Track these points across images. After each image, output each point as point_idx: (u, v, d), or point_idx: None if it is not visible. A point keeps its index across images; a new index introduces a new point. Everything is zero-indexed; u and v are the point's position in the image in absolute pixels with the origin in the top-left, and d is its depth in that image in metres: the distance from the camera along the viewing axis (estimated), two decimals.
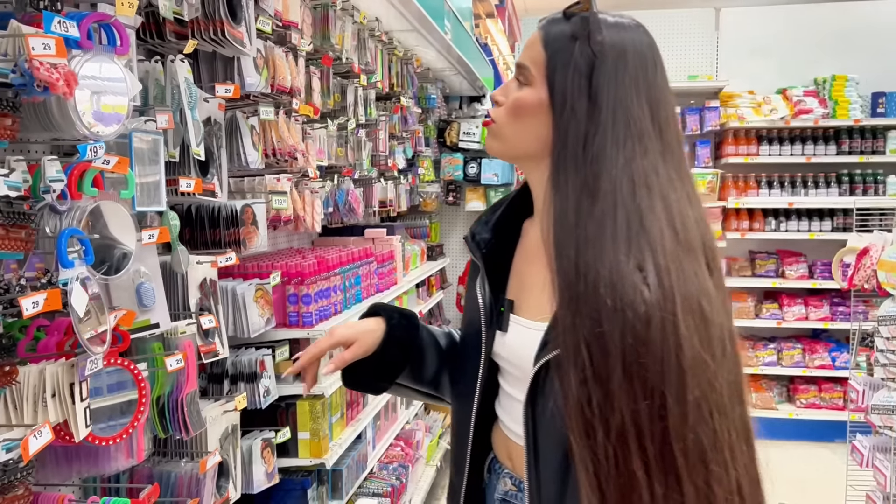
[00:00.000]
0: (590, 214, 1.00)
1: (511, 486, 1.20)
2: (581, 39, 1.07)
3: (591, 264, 0.97)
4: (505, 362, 1.20)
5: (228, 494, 2.09)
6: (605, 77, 1.05)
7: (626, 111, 1.04)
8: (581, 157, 1.04)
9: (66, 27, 1.35)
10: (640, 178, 1.01)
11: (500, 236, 1.24)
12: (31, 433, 1.28)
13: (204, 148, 1.94)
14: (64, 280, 1.40)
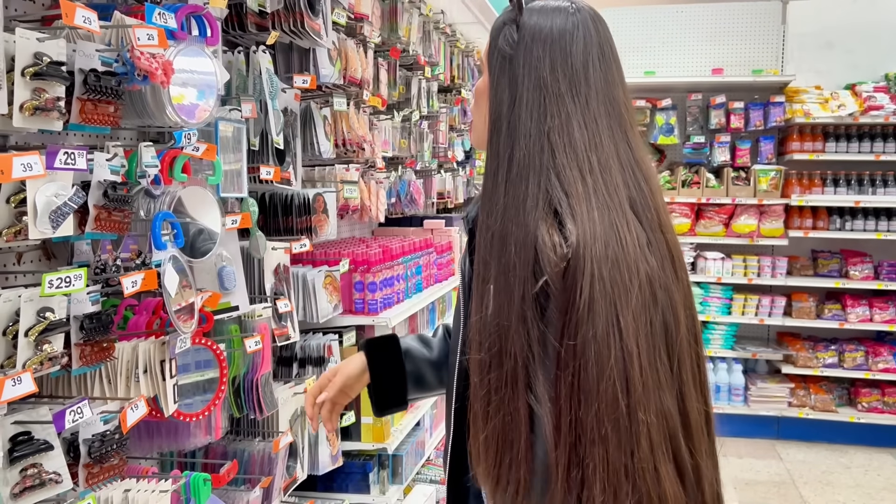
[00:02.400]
0: (504, 184, 1.06)
1: None
2: (508, 24, 1.13)
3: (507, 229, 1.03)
4: None
5: (296, 475, 2.16)
6: (521, 55, 1.10)
7: (539, 80, 1.08)
8: (502, 132, 1.10)
9: (164, 18, 1.41)
10: (556, 141, 1.05)
11: None
12: (129, 406, 1.34)
13: (282, 137, 2.00)
14: (157, 261, 1.46)
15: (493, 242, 1.05)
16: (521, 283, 1.00)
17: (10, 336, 1.17)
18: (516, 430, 1.00)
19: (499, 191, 1.07)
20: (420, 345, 1.44)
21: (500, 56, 1.12)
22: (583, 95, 1.09)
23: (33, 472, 1.21)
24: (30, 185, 1.13)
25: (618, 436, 0.93)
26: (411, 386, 1.41)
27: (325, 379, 1.42)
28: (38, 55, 1.14)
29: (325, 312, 2.35)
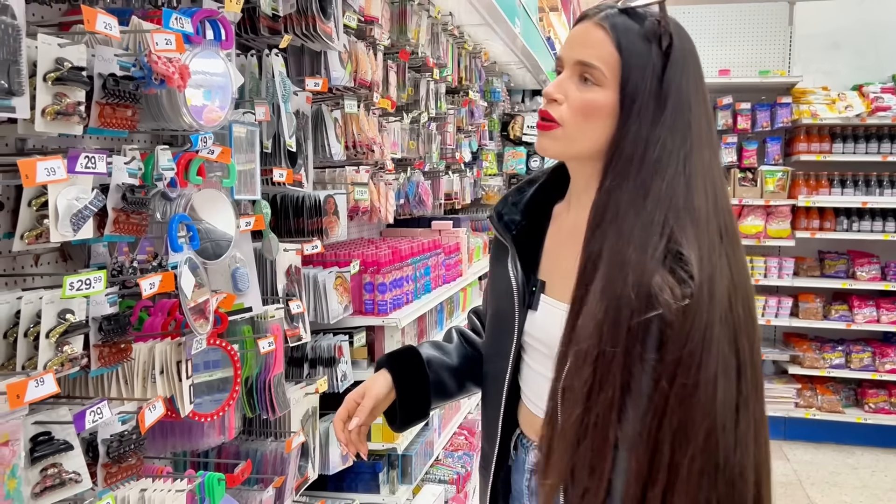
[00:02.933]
0: (637, 215, 1.05)
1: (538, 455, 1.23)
2: (654, 41, 1.09)
3: (626, 258, 1.03)
4: (534, 340, 1.24)
5: (308, 475, 2.17)
6: (674, 80, 1.09)
7: (687, 113, 1.09)
8: (640, 160, 1.08)
9: (181, 23, 1.43)
10: (693, 178, 1.07)
11: (530, 218, 1.28)
12: (147, 406, 1.36)
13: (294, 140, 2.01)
14: (173, 263, 1.48)
15: (607, 265, 1.05)
16: (633, 314, 1.01)
17: (31, 337, 1.19)
18: (601, 460, 1.03)
19: (624, 214, 1.06)
20: (439, 353, 1.42)
21: (651, 79, 1.08)
22: (713, 132, 1.13)
23: (53, 472, 1.22)
24: (51, 189, 1.15)
25: (711, 479, 0.99)
26: (434, 397, 1.39)
27: (351, 402, 1.35)
28: (59, 60, 1.15)
29: (335, 313, 2.36)
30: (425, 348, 1.42)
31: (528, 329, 1.24)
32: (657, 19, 1.10)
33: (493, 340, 1.32)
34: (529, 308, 1.24)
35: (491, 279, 1.36)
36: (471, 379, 1.43)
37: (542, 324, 1.21)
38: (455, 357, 1.42)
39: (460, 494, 3.17)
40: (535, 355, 1.25)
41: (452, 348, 1.44)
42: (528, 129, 5.25)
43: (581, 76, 1.12)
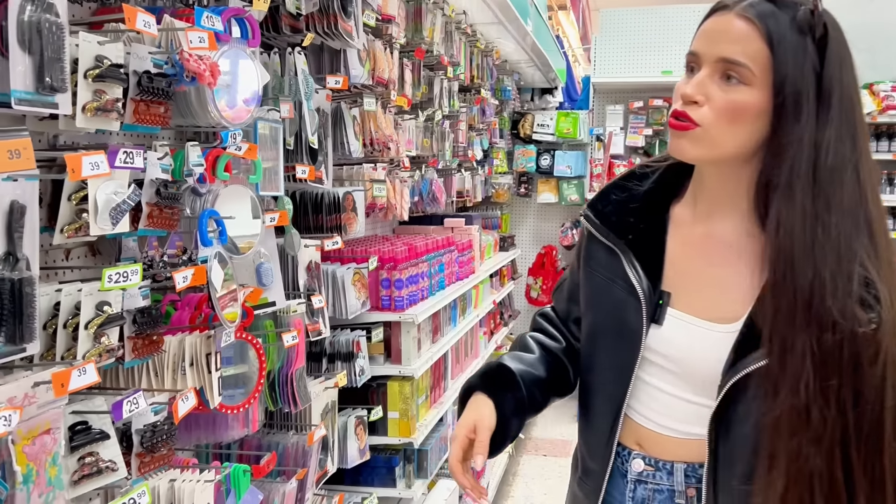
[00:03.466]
0: (825, 230, 0.98)
1: (646, 467, 1.20)
2: (808, 33, 0.99)
3: (824, 281, 0.97)
4: (656, 355, 1.16)
5: (327, 468, 2.20)
6: (835, 76, 1.00)
7: (851, 113, 1.01)
8: (813, 168, 0.99)
9: (212, 21, 1.45)
10: (865, 184, 1.00)
11: (646, 221, 1.18)
12: (180, 397, 1.39)
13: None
14: (203, 257, 1.50)
15: (810, 290, 0.98)
16: (844, 341, 0.97)
17: (70, 329, 1.22)
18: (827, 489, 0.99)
19: (812, 232, 0.99)
20: (527, 366, 1.29)
21: (810, 75, 0.99)
22: (864, 122, 1.05)
23: (91, 461, 1.25)
24: (91, 184, 1.17)
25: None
26: (528, 414, 1.28)
27: (464, 439, 1.20)
28: (98, 58, 1.18)
29: (353, 309, 2.39)
30: (514, 363, 1.29)
31: (651, 344, 1.15)
32: (810, 8, 1.00)
33: (603, 353, 1.23)
34: (653, 321, 1.14)
35: (589, 286, 1.25)
36: (556, 392, 1.34)
37: (671, 339, 1.13)
38: (543, 370, 1.30)
39: None
40: (652, 370, 1.17)
41: (536, 360, 1.32)
42: (538, 126, 5.27)
43: (724, 74, 1.02)
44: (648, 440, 1.20)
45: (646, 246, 1.17)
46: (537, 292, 5.36)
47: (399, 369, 2.58)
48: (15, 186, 1.05)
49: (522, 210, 5.70)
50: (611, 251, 1.19)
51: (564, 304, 1.38)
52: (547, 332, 1.39)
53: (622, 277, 1.17)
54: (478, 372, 1.31)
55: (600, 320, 1.23)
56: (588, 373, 1.28)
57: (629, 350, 1.16)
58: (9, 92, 1.02)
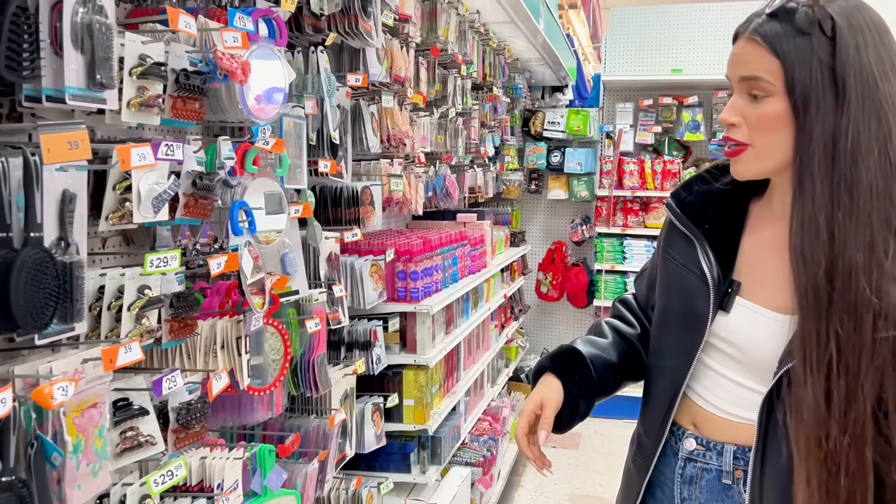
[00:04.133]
0: (849, 213, 1.02)
1: (697, 446, 1.26)
2: (814, 31, 1.05)
3: (852, 263, 1.01)
4: (722, 342, 1.21)
5: (346, 452, 2.28)
6: (849, 61, 1.03)
7: (875, 91, 1.03)
8: (832, 156, 1.03)
9: (244, 22, 1.53)
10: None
11: (723, 213, 1.24)
12: (214, 377, 1.47)
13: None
14: (234, 246, 1.59)
15: (830, 276, 1.02)
16: (878, 325, 1.00)
17: (113, 310, 1.30)
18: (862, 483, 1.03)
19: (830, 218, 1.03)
20: (599, 350, 1.37)
21: (818, 69, 1.04)
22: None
23: (132, 434, 1.33)
24: (135, 174, 1.25)
25: None
26: (598, 396, 1.35)
27: (530, 413, 1.29)
28: (142, 56, 1.26)
29: (370, 299, 2.47)
30: (585, 346, 1.37)
31: (717, 330, 1.20)
32: (809, 7, 1.05)
33: (670, 336, 1.28)
34: (721, 309, 1.20)
35: (665, 271, 1.31)
36: (628, 376, 1.40)
37: (737, 326, 1.18)
38: (615, 354, 1.38)
39: (486, 477, 3.27)
40: (717, 356, 1.22)
41: (609, 344, 1.39)
42: (549, 124, 5.33)
43: (750, 93, 1.10)
44: (703, 421, 1.25)
45: (721, 237, 1.22)
46: (547, 287, 5.43)
47: (414, 358, 2.66)
48: (66, 176, 1.13)
49: (533, 206, 5.77)
50: (688, 240, 1.25)
51: (644, 292, 1.45)
52: (623, 317, 1.45)
53: (696, 265, 1.22)
54: (549, 353, 1.38)
55: (671, 305, 1.28)
56: (654, 355, 1.34)
57: (695, 334, 1.21)
58: (62, 88, 1.11)
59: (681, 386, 1.25)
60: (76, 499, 1.18)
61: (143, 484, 1.33)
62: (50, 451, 1.09)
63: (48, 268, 1.05)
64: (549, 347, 5.72)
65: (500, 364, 4.27)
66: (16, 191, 1.03)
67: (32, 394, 1.01)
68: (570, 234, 5.49)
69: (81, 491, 1.19)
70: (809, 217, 1.05)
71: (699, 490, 1.26)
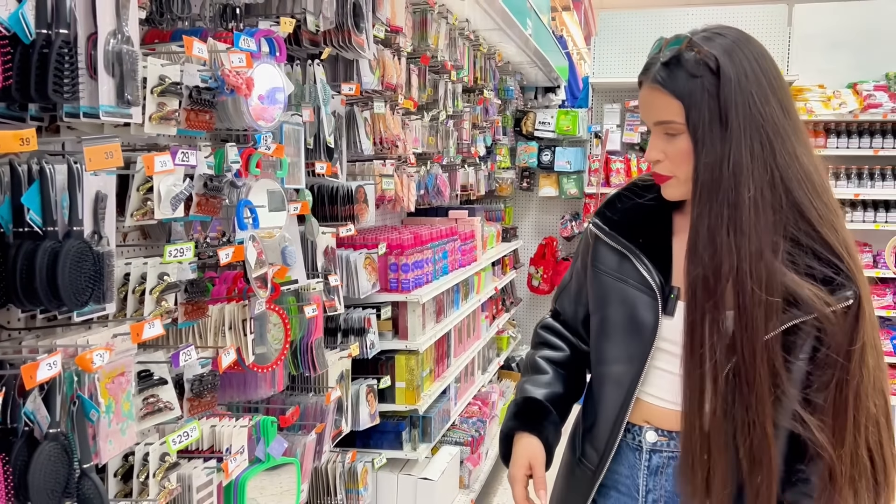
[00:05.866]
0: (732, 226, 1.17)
1: (659, 437, 1.35)
2: (703, 71, 1.18)
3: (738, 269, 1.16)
4: (670, 344, 1.29)
5: (342, 428, 2.50)
6: (731, 94, 1.16)
7: (757, 117, 1.16)
8: (718, 179, 1.18)
9: (248, 43, 1.75)
10: (789, 175, 1.17)
11: (653, 226, 1.35)
12: (223, 352, 1.69)
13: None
14: (239, 239, 1.80)
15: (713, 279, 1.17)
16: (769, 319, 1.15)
17: (137, 294, 1.52)
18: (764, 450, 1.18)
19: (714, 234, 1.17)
20: (549, 388, 1.46)
21: (706, 106, 1.17)
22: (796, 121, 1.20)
23: (153, 401, 1.56)
24: (156, 178, 1.47)
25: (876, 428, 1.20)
26: (561, 426, 1.46)
27: (523, 477, 1.38)
28: (161, 77, 1.48)
29: (364, 289, 2.68)
30: (537, 390, 1.46)
31: (664, 334, 1.29)
32: (696, 52, 1.19)
33: (615, 345, 1.35)
34: (664, 314, 1.29)
35: (599, 285, 1.39)
36: (575, 398, 1.50)
37: (682, 327, 1.25)
38: (560, 386, 1.47)
39: (474, 455, 3.49)
40: (665, 357, 1.31)
41: (552, 378, 1.48)
42: (539, 124, 5.54)
43: (665, 133, 1.24)
44: (658, 416, 1.34)
45: (654, 247, 1.33)
46: (538, 281, 5.64)
47: (405, 344, 2.88)
48: (98, 180, 1.35)
49: (525, 203, 5.98)
50: (621, 254, 1.35)
51: (572, 307, 1.52)
52: (552, 344, 1.53)
53: (633, 277, 1.32)
54: (510, 413, 1.46)
55: (612, 315, 1.36)
56: (599, 364, 1.41)
57: (643, 342, 1.31)
58: (96, 106, 1.32)
59: (634, 390, 1.32)
60: (108, 452, 1.40)
61: (163, 443, 1.55)
62: (88, 409, 1.31)
63: (87, 256, 1.26)
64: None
65: (491, 353, 4.49)
66: (60, 191, 1.25)
67: (76, 358, 1.23)
68: (561, 229, 5.71)
69: (112, 446, 1.41)
70: (697, 231, 1.20)
71: (664, 478, 1.34)
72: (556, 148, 5.53)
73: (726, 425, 1.19)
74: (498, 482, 4.08)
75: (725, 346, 1.18)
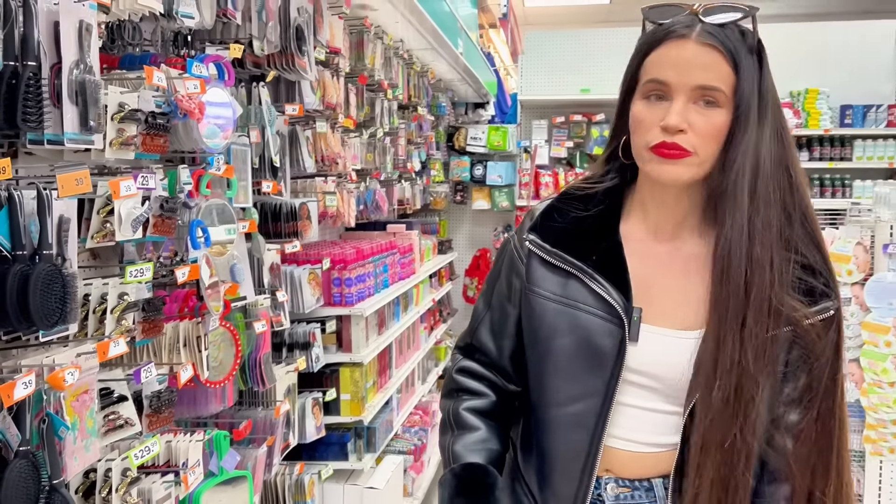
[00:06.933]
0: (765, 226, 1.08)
1: (621, 489, 1.19)
2: (754, 53, 1.09)
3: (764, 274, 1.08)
4: (636, 375, 1.15)
5: (290, 441, 2.56)
6: (768, 87, 1.10)
7: (779, 118, 1.11)
8: (755, 172, 1.08)
9: (200, 69, 1.81)
10: (795, 178, 1.11)
11: (600, 241, 1.19)
12: (181, 368, 1.74)
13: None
14: (193, 258, 1.86)
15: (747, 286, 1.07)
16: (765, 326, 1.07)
17: (98, 314, 1.56)
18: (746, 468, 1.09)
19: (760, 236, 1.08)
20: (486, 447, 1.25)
21: (752, 90, 1.08)
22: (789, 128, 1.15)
23: (114, 417, 1.60)
24: (116, 201, 1.52)
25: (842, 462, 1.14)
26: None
27: None
28: (121, 104, 1.53)
29: (309, 304, 2.75)
30: (475, 454, 1.23)
31: (629, 363, 1.14)
32: (752, 31, 1.10)
33: (572, 381, 1.17)
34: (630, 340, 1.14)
35: (540, 312, 1.20)
36: (506, 451, 1.31)
37: (647, 353, 1.14)
38: (496, 442, 1.27)
39: (417, 463, 3.59)
40: (631, 390, 1.16)
41: (486, 435, 1.26)
42: (471, 139, 5.71)
43: (699, 99, 1.08)
44: (622, 463, 1.19)
45: (609, 266, 1.16)
46: (473, 292, 5.79)
47: (350, 357, 2.96)
48: (62, 204, 1.40)
49: (459, 216, 6.14)
50: (567, 274, 1.18)
51: (493, 342, 1.29)
52: (473, 391, 1.30)
53: (587, 301, 1.16)
54: (451, 488, 1.21)
55: (562, 347, 1.17)
56: (548, 407, 1.21)
57: (606, 374, 1.14)
58: (60, 133, 1.37)
59: (602, 432, 1.15)
60: (73, 468, 1.44)
61: (124, 458, 1.59)
62: (58, 426, 1.35)
63: (57, 278, 1.31)
64: None
65: (429, 364, 4.60)
66: (28, 216, 1.29)
67: (49, 377, 1.27)
68: (494, 241, 5.89)
69: (77, 462, 1.45)
70: (735, 229, 1.09)
71: None
72: (487, 162, 5.71)
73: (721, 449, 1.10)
74: None
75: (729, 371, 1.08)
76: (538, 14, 8.31)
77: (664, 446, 1.17)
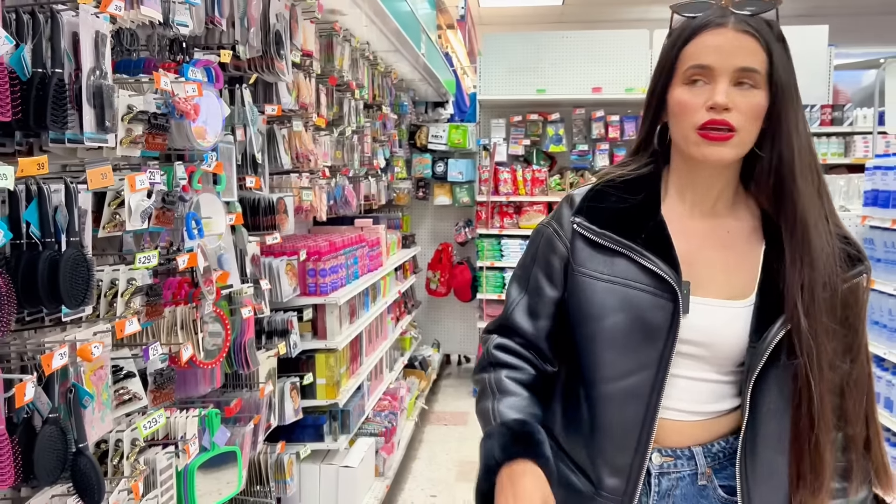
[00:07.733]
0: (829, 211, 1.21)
1: (665, 458, 1.24)
2: (781, 41, 1.19)
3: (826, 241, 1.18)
4: (688, 345, 1.20)
5: (271, 422, 2.72)
6: (792, 70, 1.19)
7: (797, 92, 1.20)
8: (803, 151, 1.18)
9: (195, 73, 1.97)
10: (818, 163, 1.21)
11: (646, 222, 1.25)
12: (183, 347, 1.90)
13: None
14: (189, 248, 2.01)
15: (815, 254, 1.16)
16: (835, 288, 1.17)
17: (108, 298, 1.71)
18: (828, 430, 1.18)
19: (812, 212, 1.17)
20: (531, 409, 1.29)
21: (786, 72, 1.17)
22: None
23: (123, 392, 1.75)
24: (127, 194, 1.68)
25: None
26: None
27: None
28: (129, 107, 1.68)
29: (286, 293, 2.91)
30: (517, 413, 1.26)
31: (681, 334, 1.19)
32: (776, 21, 1.20)
33: (628, 356, 1.21)
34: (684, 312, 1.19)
35: (590, 292, 1.24)
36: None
37: (698, 325, 1.19)
38: (539, 409, 1.31)
39: (388, 444, 3.78)
40: (682, 361, 1.21)
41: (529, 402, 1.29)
42: (432, 137, 5.90)
43: (738, 82, 1.15)
44: (669, 432, 1.23)
45: (658, 244, 1.22)
46: (436, 284, 5.99)
47: (325, 343, 3.13)
48: (80, 197, 1.55)
49: (421, 211, 6.32)
50: (614, 254, 1.23)
51: (530, 324, 1.33)
52: (513, 366, 1.33)
53: (637, 278, 1.21)
54: (508, 438, 1.23)
55: (615, 324, 1.21)
56: (602, 382, 1.23)
57: (660, 347, 1.19)
58: (80, 133, 1.52)
59: (657, 403, 1.20)
60: (92, 436, 1.59)
61: (134, 428, 1.75)
62: (83, 395, 1.50)
63: (82, 263, 1.47)
64: (439, 339, 6.28)
65: (396, 353, 4.78)
66: (54, 208, 1.44)
67: (79, 350, 1.43)
68: (455, 235, 6.09)
69: (94, 430, 1.60)
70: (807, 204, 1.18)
71: (672, 501, 1.25)
72: (448, 159, 5.91)
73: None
74: (408, 471, 4.37)
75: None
76: (493, 14, 8.55)
77: (710, 413, 1.24)
